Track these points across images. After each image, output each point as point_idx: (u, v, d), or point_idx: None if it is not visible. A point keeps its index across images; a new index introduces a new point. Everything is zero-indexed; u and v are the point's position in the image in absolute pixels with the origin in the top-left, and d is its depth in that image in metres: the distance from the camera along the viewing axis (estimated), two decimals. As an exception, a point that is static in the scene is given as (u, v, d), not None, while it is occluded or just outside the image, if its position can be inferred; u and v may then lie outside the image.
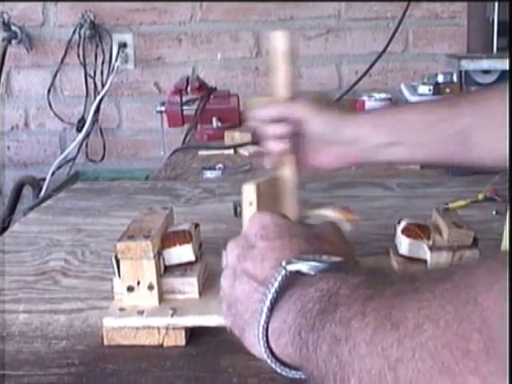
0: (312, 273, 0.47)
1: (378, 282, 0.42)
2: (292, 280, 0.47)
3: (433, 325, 0.34)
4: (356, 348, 0.38)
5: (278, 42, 0.77)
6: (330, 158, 0.80)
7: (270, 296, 0.46)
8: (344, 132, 0.77)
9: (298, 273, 0.47)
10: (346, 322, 0.39)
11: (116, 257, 0.67)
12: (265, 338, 0.47)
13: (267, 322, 0.46)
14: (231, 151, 1.69)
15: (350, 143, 0.78)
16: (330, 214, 0.76)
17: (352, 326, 0.39)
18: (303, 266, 0.47)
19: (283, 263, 0.47)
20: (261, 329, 0.46)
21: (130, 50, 2.34)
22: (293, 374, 0.47)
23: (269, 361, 0.47)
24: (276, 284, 0.46)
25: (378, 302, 0.39)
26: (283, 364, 0.47)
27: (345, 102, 2.02)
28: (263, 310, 0.46)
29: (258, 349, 0.47)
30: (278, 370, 0.47)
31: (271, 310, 0.46)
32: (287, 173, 0.79)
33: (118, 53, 2.31)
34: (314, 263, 0.47)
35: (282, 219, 0.55)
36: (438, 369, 0.33)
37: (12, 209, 2.22)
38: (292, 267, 0.47)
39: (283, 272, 0.47)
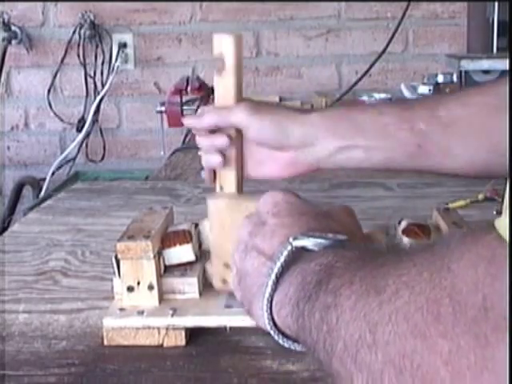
0: (316, 249, 0.49)
1: (369, 255, 0.44)
2: (297, 255, 0.49)
3: (409, 290, 0.36)
4: (342, 314, 0.40)
5: (224, 46, 0.72)
6: (277, 168, 0.73)
7: (275, 270, 0.48)
8: (293, 134, 0.70)
9: (304, 249, 0.49)
10: (336, 291, 0.41)
11: (116, 257, 0.67)
12: (269, 311, 0.49)
13: (272, 295, 0.49)
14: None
15: (299, 147, 0.70)
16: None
17: (341, 294, 0.41)
18: (308, 243, 0.49)
19: (290, 239, 0.49)
20: (265, 301, 0.49)
21: (129, 50, 2.34)
22: (295, 345, 0.49)
23: (272, 332, 0.49)
24: (282, 259, 0.49)
25: (365, 272, 0.41)
26: (285, 336, 0.49)
27: (345, 102, 2.02)
28: (268, 283, 0.49)
29: (263, 321, 0.49)
30: (281, 342, 0.49)
31: (276, 283, 0.49)
32: (227, 185, 0.72)
33: (118, 53, 2.31)
34: (318, 240, 0.49)
35: (294, 197, 0.57)
36: (410, 331, 0.34)
37: (12, 209, 2.23)
38: (298, 243, 0.49)
39: (289, 247, 0.49)
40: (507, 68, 1.57)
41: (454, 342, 0.32)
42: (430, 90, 1.89)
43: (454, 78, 1.88)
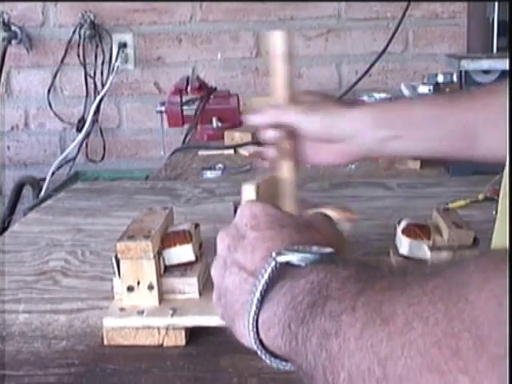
0: (302, 264, 0.46)
1: (369, 276, 0.42)
2: (282, 271, 0.46)
3: (422, 322, 0.34)
4: (346, 342, 0.38)
5: (277, 41, 0.76)
6: (332, 156, 0.79)
7: (260, 287, 0.46)
8: (344, 128, 0.75)
9: (289, 264, 0.47)
10: (336, 316, 0.39)
11: (116, 257, 0.67)
12: (255, 330, 0.46)
13: (257, 314, 0.46)
14: (231, 151, 1.70)
15: (350, 138, 0.76)
16: (329, 213, 0.75)
17: (342, 321, 0.39)
18: (293, 258, 0.47)
19: (273, 254, 0.47)
20: (251, 320, 0.46)
21: (129, 50, 2.34)
22: (283, 365, 0.47)
23: (259, 352, 0.47)
24: (266, 275, 0.46)
25: (367, 296, 0.39)
26: (273, 355, 0.47)
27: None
28: (253, 301, 0.46)
29: (248, 340, 0.47)
30: (268, 362, 0.47)
31: (261, 301, 0.46)
32: (285, 174, 0.78)
33: (118, 53, 2.31)
34: (304, 254, 0.47)
35: (273, 209, 0.55)
36: (427, 366, 0.32)
37: (12, 209, 2.23)
38: (282, 258, 0.46)
39: (273, 263, 0.46)
40: (507, 68, 1.57)
41: (477, 379, 0.30)
42: (429, 90, 1.89)
43: (454, 78, 1.88)
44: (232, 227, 0.54)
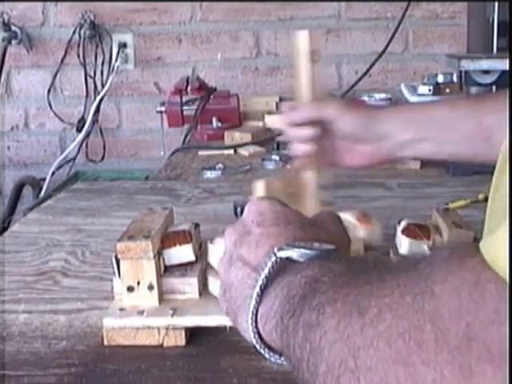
0: (302, 260, 0.47)
1: (357, 270, 0.42)
2: (282, 267, 0.47)
3: (391, 314, 0.35)
4: (326, 334, 0.38)
5: (302, 41, 0.76)
6: (360, 157, 0.81)
7: (260, 282, 0.47)
8: (375, 129, 0.79)
9: (289, 260, 0.47)
10: (320, 308, 0.40)
11: (116, 257, 0.67)
12: (254, 324, 0.47)
13: (257, 308, 0.47)
14: (231, 151, 1.70)
15: (379, 140, 0.79)
16: (348, 217, 0.75)
17: (324, 313, 0.39)
18: (293, 253, 0.47)
19: (274, 250, 0.48)
20: (250, 314, 0.47)
21: (129, 50, 2.34)
22: (281, 360, 0.47)
23: (257, 346, 0.47)
24: (266, 270, 0.47)
25: (349, 289, 0.39)
26: (272, 350, 0.47)
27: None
28: (253, 295, 0.47)
29: (248, 334, 0.48)
30: (267, 356, 0.47)
31: (261, 295, 0.47)
32: (309, 174, 0.79)
33: (118, 53, 2.31)
34: (304, 250, 0.47)
35: (280, 206, 0.55)
36: (393, 358, 0.33)
37: (12, 209, 2.22)
38: (283, 254, 0.47)
39: (274, 259, 0.47)
40: (507, 68, 1.56)
41: (437, 371, 0.31)
42: (429, 90, 1.89)
43: (454, 78, 1.88)
44: (239, 223, 0.55)
